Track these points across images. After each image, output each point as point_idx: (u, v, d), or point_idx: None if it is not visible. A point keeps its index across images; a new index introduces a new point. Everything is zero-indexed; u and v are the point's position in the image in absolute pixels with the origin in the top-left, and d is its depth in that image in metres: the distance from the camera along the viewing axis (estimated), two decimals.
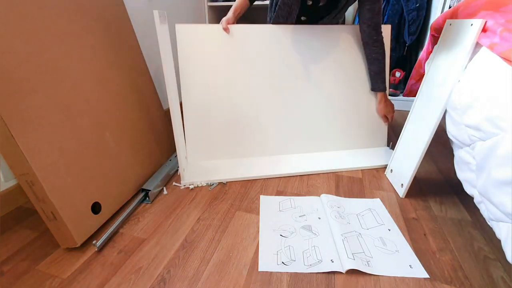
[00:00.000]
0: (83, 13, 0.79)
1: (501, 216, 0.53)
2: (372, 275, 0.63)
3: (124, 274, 0.64)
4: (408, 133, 0.93)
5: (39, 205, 0.65)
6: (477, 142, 0.60)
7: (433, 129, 0.79)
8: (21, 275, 0.64)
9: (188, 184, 0.95)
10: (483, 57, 0.65)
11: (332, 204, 0.85)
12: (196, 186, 0.94)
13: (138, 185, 0.91)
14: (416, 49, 1.68)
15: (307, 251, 0.69)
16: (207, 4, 1.91)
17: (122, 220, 0.78)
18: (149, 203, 0.87)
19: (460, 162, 0.69)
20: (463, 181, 0.68)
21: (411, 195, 0.91)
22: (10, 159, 0.61)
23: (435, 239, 0.73)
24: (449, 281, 0.62)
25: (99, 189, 0.77)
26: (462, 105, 0.65)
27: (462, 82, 0.68)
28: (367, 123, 1.14)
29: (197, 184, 0.95)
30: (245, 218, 0.81)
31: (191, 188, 0.93)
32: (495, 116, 0.54)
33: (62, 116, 0.69)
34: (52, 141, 0.66)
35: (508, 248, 0.51)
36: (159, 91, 1.12)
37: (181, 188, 0.94)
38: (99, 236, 0.73)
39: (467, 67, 0.70)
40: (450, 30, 0.79)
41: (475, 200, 0.63)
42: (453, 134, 0.69)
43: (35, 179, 0.62)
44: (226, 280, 0.62)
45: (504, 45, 0.57)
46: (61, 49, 0.71)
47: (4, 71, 0.59)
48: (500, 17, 0.63)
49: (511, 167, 0.50)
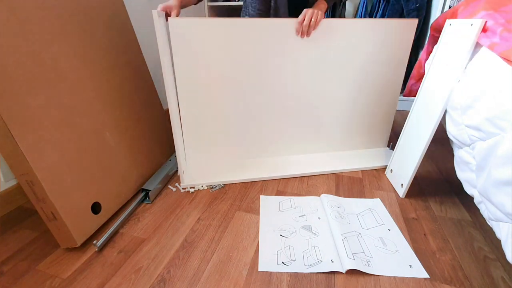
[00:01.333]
0: (82, 12, 0.79)
1: (501, 216, 0.53)
2: (372, 275, 0.63)
3: (124, 274, 0.64)
4: (408, 133, 0.93)
5: (39, 205, 0.65)
6: (477, 142, 0.60)
7: (433, 128, 0.79)
8: (21, 275, 0.64)
9: (188, 188, 0.94)
10: (483, 57, 0.65)
11: (332, 204, 0.85)
12: (197, 190, 0.94)
13: (138, 185, 0.92)
14: (416, 49, 1.68)
15: (307, 251, 0.69)
16: (207, 4, 1.91)
17: (122, 220, 0.78)
18: (149, 203, 0.87)
19: (460, 162, 0.69)
20: (463, 181, 0.68)
21: (411, 195, 0.91)
22: (10, 159, 0.61)
23: (435, 239, 0.73)
24: (449, 281, 0.62)
25: (99, 189, 0.77)
26: (462, 105, 0.65)
27: (462, 82, 0.68)
28: (367, 123, 1.14)
29: (199, 187, 0.94)
30: (245, 218, 0.81)
31: (191, 192, 0.93)
32: (495, 116, 0.54)
33: (62, 116, 0.69)
34: (52, 141, 0.66)
35: (508, 248, 0.51)
36: (158, 90, 1.12)
37: (181, 191, 0.94)
38: (99, 236, 0.73)
39: (467, 67, 0.70)
40: (450, 30, 0.79)
41: (475, 200, 0.63)
42: (453, 134, 0.69)
43: (35, 179, 0.62)
44: (226, 280, 0.62)
45: (504, 45, 0.57)
46: (61, 49, 0.71)
47: (4, 71, 0.58)
48: (500, 17, 0.63)
49: (511, 167, 0.50)
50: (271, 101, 1.02)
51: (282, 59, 0.97)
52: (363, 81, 1.06)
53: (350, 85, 1.06)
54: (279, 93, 1.02)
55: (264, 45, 0.93)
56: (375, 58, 1.02)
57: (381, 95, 1.10)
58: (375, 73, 1.05)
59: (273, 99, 1.02)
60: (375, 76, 1.06)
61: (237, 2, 1.92)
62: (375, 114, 1.13)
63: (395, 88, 1.10)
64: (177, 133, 0.91)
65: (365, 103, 1.10)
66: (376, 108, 1.12)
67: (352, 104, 1.09)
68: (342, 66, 1.02)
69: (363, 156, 1.13)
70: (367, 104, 1.11)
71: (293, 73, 1.00)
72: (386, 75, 1.07)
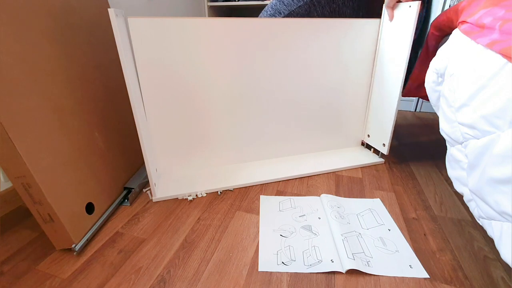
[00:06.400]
0: (70, 12, 0.78)
1: (494, 215, 0.53)
2: (372, 275, 0.63)
3: (124, 274, 0.64)
4: (376, 95, 1.07)
5: (34, 208, 0.64)
6: (470, 140, 0.60)
7: (400, 85, 0.94)
8: (21, 275, 0.64)
9: (187, 196, 0.90)
10: (479, 53, 0.63)
11: (332, 204, 0.85)
12: (194, 198, 0.90)
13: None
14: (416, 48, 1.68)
15: (307, 251, 0.69)
16: (207, 4, 1.91)
17: (103, 221, 0.78)
18: (128, 204, 0.88)
19: (451, 160, 0.68)
20: (453, 179, 0.68)
21: (411, 195, 0.91)
22: (5, 162, 0.60)
23: (435, 239, 0.73)
24: (449, 281, 0.62)
25: (92, 189, 0.77)
26: (457, 102, 0.64)
27: (456, 79, 0.67)
28: (343, 121, 1.15)
29: (198, 194, 0.91)
30: (245, 218, 0.81)
31: (190, 200, 0.91)
32: (492, 114, 0.54)
33: (55, 117, 0.69)
34: (47, 143, 0.66)
35: (502, 246, 0.51)
36: None
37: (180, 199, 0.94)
38: (95, 236, 0.73)
39: (460, 63, 0.68)
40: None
41: (465, 198, 0.63)
42: (446, 132, 0.69)
43: (32, 181, 0.61)
44: (226, 280, 0.62)
45: (505, 42, 0.56)
46: (52, 49, 0.71)
47: (0, 72, 0.58)
48: (499, 10, 0.62)
49: (507, 166, 0.49)
50: (248, 100, 0.99)
51: (261, 57, 0.94)
52: (352, 78, 1.07)
53: (339, 81, 1.06)
54: (258, 93, 0.99)
55: (236, 45, 0.90)
56: (346, 57, 1.03)
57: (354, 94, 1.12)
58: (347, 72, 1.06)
59: (251, 99, 0.99)
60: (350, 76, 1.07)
61: (237, 2, 1.92)
62: (358, 108, 1.15)
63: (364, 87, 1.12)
64: (145, 139, 0.84)
65: (352, 98, 1.11)
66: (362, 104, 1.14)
67: (343, 99, 1.10)
68: (326, 62, 1.01)
69: (361, 154, 1.14)
70: (354, 100, 1.12)
71: (273, 70, 0.97)
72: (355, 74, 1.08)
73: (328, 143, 1.17)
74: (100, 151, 0.83)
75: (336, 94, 1.08)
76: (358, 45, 1.02)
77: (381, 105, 1.05)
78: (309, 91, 1.05)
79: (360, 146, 1.22)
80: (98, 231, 0.76)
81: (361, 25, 0.99)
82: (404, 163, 1.11)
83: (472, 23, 0.69)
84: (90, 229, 0.74)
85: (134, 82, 0.81)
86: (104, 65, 0.90)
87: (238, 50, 0.91)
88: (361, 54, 1.04)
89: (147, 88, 0.88)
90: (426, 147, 1.27)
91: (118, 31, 0.70)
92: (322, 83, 1.05)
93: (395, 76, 0.97)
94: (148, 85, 0.87)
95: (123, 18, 0.77)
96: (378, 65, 1.05)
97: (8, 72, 0.60)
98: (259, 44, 0.92)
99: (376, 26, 1.01)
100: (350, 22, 0.98)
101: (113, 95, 0.93)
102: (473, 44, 0.65)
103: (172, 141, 0.97)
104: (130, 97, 0.76)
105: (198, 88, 0.92)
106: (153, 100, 0.90)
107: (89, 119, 0.80)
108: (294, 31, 0.94)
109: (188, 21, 0.84)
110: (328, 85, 1.06)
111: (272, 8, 1.10)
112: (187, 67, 0.89)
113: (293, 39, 0.95)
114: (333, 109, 1.11)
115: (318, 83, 1.04)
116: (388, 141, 1.04)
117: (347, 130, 1.17)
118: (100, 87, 0.86)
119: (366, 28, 1.00)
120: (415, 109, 1.78)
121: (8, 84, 0.59)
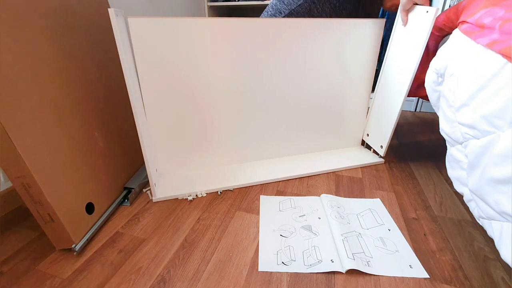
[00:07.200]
0: (70, 12, 0.78)
1: (494, 215, 0.53)
2: (372, 275, 0.63)
3: (124, 274, 0.64)
4: (380, 95, 1.06)
5: (34, 208, 0.64)
6: (470, 140, 0.60)
7: (406, 91, 0.92)
8: (21, 275, 0.64)
9: (187, 196, 0.91)
10: (479, 53, 0.64)
11: (332, 204, 0.85)
12: (194, 198, 0.90)
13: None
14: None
15: (307, 251, 0.69)
16: (207, 4, 1.91)
17: (103, 221, 0.78)
18: (128, 204, 0.87)
19: (451, 160, 0.69)
20: (453, 179, 0.68)
21: (411, 195, 0.91)
22: (5, 162, 0.60)
23: (435, 239, 0.73)
24: (449, 281, 0.62)
25: (92, 189, 0.77)
26: (457, 102, 0.64)
27: (456, 79, 0.67)
28: (343, 121, 1.15)
29: (198, 194, 0.91)
30: (245, 218, 0.81)
31: (190, 200, 0.91)
32: (492, 114, 0.54)
33: (55, 116, 0.69)
34: (47, 143, 0.66)
35: (502, 246, 0.51)
36: None
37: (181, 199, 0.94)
38: (95, 236, 0.73)
39: (460, 63, 0.68)
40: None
41: (465, 198, 0.63)
42: (446, 132, 0.69)
43: (33, 181, 0.61)
44: (226, 280, 0.62)
45: (505, 42, 0.56)
46: (51, 49, 0.70)
47: (0, 72, 0.58)
48: (500, 10, 0.62)
49: (507, 166, 0.49)
50: (250, 100, 0.99)
51: (262, 57, 0.93)
52: (352, 79, 1.06)
53: (340, 82, 1.06)
54: (258, 93, 0.99)
55: (236, 45, 0.90)
56: (347, 57, 1.03)
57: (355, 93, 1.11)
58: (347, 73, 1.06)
59: (253, 100, 0.99)
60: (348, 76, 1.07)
61: (237, 2, 1.92)
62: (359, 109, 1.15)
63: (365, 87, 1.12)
64: (145, 139, 0.84)
65: (353, 99, 1.11)
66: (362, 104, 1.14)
67: (343, 99, 1.10)
68: (329, 60, 1.01)
69: (361, 154, 1.14)
70: (355, 100, 1.11)
71: (273, 70, 0.97)
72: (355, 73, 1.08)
73: (328, 143, 1.17)
74: (100, 151, 0.83)
75: (336, 94, 1.08)
76: (359, 45, 1.02)
77: (383, 108, 1.05)
78: (310, 91, 1.05)
79: (360, 146, 1.22)
80: (98, 231, 0.76)
81: (362, 26, 0.99)
82: (404, 163, 1.11)
83: (472, 23, 0.69)
84: (90, 229, 0.74)
85: (134, 82, 0.81)
86: (104, 65, 0.90)
87: (238, 50, 0.91)
88: (362, 54, 1.04)
89: (147, 88, 0.88)
90: (426, 147, 1.27)
91: (118, 31, 0.70)
92: (323, 83, 1.05)
93: (402, 82, 0.94)
94: (148, 85, 0.87)
95: (123, 18, 0.77)
96: (385, 68, 1.03)
97: (8, 72, 0.59)
98: (259, 44, 0.92)
99: (378, 27, 1.01)
100: (351, 23, 0.97)
101: (113, 95, 0.93)
102: (473, 44, 0.65)
103: (172, 141, 0.97)
104: (130, 97, 0.76)
105: (198, 88, 0.92)
106: (153, 100, 0.90)
107: (89, 119, 0.80)
108: (295, 31, 0.93)
109: (188, 21, 0.84)
110: (328, 85, 1.06)
111: (273, 8, 1.10)
112: (187, 67, 0.89)
113: (294, 39, 0.95)
114: (333, 109, 1.11)
115: (318, 83, 1.04)
116: (386, 143, 1.04)
117: (347, 130, 1.17)
118: (100, 87, 0.86)
119: (367, 29, 1.00)
120: (415, 109, 1.78)
121: (8, 84, 0.59)
